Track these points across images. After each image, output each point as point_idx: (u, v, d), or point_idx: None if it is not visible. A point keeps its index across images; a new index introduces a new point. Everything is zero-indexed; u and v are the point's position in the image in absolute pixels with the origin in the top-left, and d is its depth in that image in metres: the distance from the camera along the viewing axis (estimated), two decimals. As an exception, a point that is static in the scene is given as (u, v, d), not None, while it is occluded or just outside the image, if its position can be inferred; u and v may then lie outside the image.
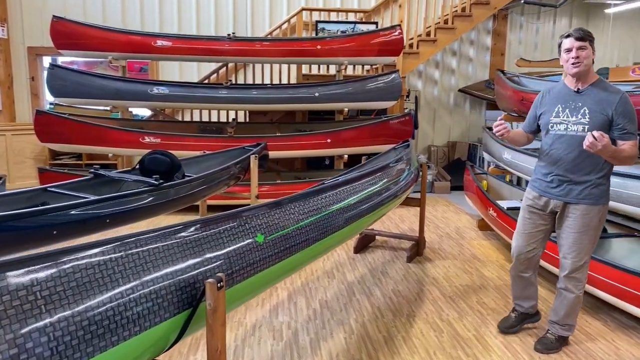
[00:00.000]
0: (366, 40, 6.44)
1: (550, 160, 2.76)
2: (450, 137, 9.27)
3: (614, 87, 2.67)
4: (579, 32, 2.61)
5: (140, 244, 1.58)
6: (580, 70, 2.61)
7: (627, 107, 2.58)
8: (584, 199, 2.68)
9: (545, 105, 2.82)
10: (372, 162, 4.78)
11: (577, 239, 2.72)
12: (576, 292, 2.80)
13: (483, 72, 9.17)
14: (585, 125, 2.61)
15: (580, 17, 9.36)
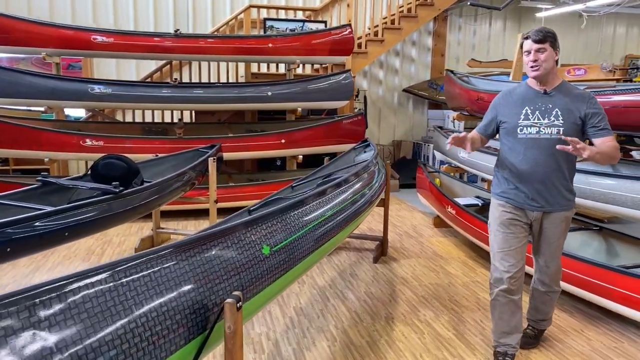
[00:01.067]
0: (318, 39, 6.36)
1: (523, 168, 2.55)
2: (395, 136, 9.41)
3: (579, 88, 2.59)
4: (538, 33, 2.46)
5: (139, 269, 1.39)
6: (540, 73, 2.47)
7: (598, 104, 2.50)
8: (561, 206, 2.58)
9: (509, 107, 2.62)
10: (336, 163, 4.71)
11: (558, 246, 2.68)
12: (558, 289, 2.84)
13: (425, 73, 9.39)
14: (560, 128, 2.46)
15: (513, 20, 9.81)
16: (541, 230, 2.65)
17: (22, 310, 1.06)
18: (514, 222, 2.61)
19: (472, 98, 5.09)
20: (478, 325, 3.24)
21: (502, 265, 2.63)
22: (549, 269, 2.72)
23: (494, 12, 9.53)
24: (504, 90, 2.76)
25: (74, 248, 4.63)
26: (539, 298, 2.85)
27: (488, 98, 4.79)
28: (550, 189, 2.53)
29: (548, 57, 2.45)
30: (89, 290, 1.21)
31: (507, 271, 2.61)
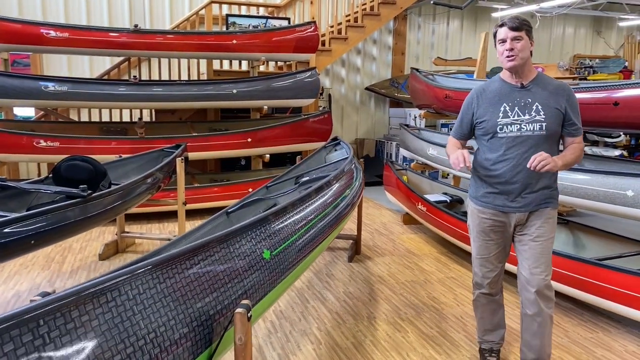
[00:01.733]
0: (283, 35, 6.27)
1: (506, 169, 2.35)
2: (357, 134, 9.42)
3: (555, 79, 2.42)
4: (514, 21, 2.27)
5: (142, 281, 1.27)
6: (517, 63, 2.27)
7: (575, 99, 2.35)
8: (546, 203, 2.38)
9: (484, 106, 2.41)
10: (308, 162, 4.64)
11: (545, 248, 2.37)
12: (549, 311, 2.38)
13: (386, 71, 9.45)
14: (543, 123, 2.28)
15: (469, 19, 10.03)
16: (523, 231, 2.42)
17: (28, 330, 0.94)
18: (494, 229, 2.46)
19: (440, 96, 5.14)
20: (460, 322, 3.26)
21: (481, 271, 2.57)
22: (533, 278, 2.35)
23: (452, 11, 9.72)
24: (476, 88, 2.51)
25: (31, 256, 4.35)
26: (527, 328, 2.44)
27: (456, 96, 4.86)
28: (532, 187, 2.35)
29: (524, 47, 2.27)
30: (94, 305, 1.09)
31: (485, 277, 2.56)
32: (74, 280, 3.84)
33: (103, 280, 1.18)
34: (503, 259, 2.56)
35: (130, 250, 4.58)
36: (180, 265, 1.36)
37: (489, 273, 2.54)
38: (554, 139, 2.35)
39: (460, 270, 4.21)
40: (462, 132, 2.55)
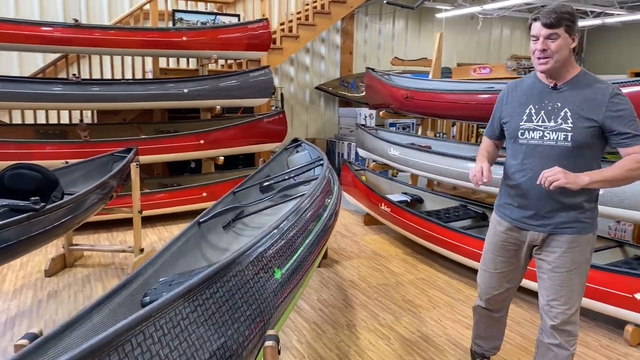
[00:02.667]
0: (235, 33, 6.03)
1: (523, 180, 2.10)
2: (307, 134, 9.31)
3: (602, 81, 2.04)
4: (550, 15, 1.93)
5: (167, 320, 1.08)
6: (549, 67, 1.97)
7: (623, 103, 1.95)
8: (570, 227, 2.04)
9: (512, 104, 2.16)
10: (272, 165, 4.47)
11: (566, 279, 2.06)
12: (570, 349, 2.10)
13: (335, 70, 9.41)
14: (569, 133, 1.97)
15: (414, 20, 10.18)
16: (542, 256, 2.13)
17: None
18: (506, 246, 2.22)
19: (400, 96, 5.12)
20: (439, 325, 3.22)
21: (483, 284, 2.35)
22: (552, 311, 2.09)
23: (397, 12, 9.82)
24: (510, 83, 2.28)
25: (-37, 275, 3.89)
26: (542, 355, 2.19)
27: (417, 96, 4.85)
28: (553, 205, 2.04)
29: (561, 46, 1.94)
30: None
31: (486, 293, 2.33)
32: (19, 301, 3.46)
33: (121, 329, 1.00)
34: (513, 280, 2.27)
35: (79, 264, 4.21)
36: (201, 296, 1.18)
37: (492, 290, 2.30)
38: (583, 153, 1.99)
39: (428, 271, 4.19)
40: (493, 131, 2.31)
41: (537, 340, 2.24)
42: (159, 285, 1.86)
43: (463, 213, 4.66)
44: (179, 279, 1.90)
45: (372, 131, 5.71)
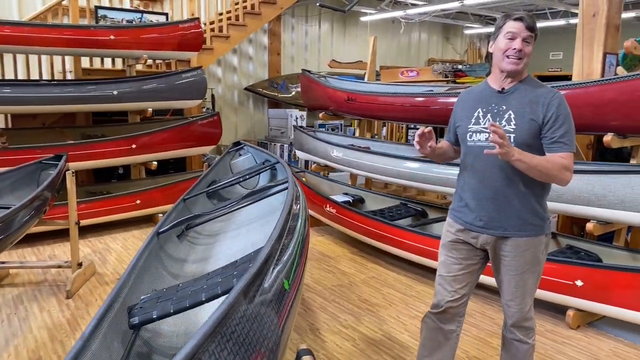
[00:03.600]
0: (166, 32, 5.78)
1: (472, 182, 2.12)
2: (237, 136, 9.15)
3: (545, 85, 2.09)
4: (531, 20, 1.97)
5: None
6: (519, 69, 2.00)
7: (562, 108, 1.97)
8: (522, 230, 2.04)
9: (464, 109, 2.18)
10: (217, 169, 4.33)
11: (520, 281, 2.09)
12: (530, 341, 2.19)
13: (263, 71, 9.32)
14: (512, 134, 1.98)
15: (339, 22, 10.35)
16: (496, 259, 2.14)
17: None
18: (457, 247, 2.19)
19: (341, 98, 5.18)
20: (398, 322, 3.30)
21: (437, 289, 2.26)
22: (509, 310, 2.16)
23: (323, 14, 9.94)
24: (465, 90, 2.34)
25: None
26: (506, 349, 2.26)
27: (360, 99, 4.94)
28: (502, 207, 2.04)
29: (530, 52, 2.00)
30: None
31: (441, 300, 2.22)
32: (-58, 329, 3.08)
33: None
34: (467, 286, 2.20)
35: (6, 284, 3.83)
36: (236, 315, 1.12)
37: (447, 296, 2.20)
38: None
39: (378, 269, 4.29)
40: (449, 136, 2.32)
41: (501, 334, 2.29)
42: (144, 304, 1.74)
43: (404, 211, 4.81)
44: (166, 294, 1.79)
45: (312, 133, 5.73)
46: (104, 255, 4.55)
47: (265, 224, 3.39)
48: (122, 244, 4.89)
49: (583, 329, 3.22)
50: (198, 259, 2.99)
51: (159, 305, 1.68)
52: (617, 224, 3.35)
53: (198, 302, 1.63)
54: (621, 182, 3.06)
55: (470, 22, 11.52)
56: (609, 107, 3.20)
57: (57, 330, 3.11)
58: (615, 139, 3.18)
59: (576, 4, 9.30)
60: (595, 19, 4.22)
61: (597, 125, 3.31)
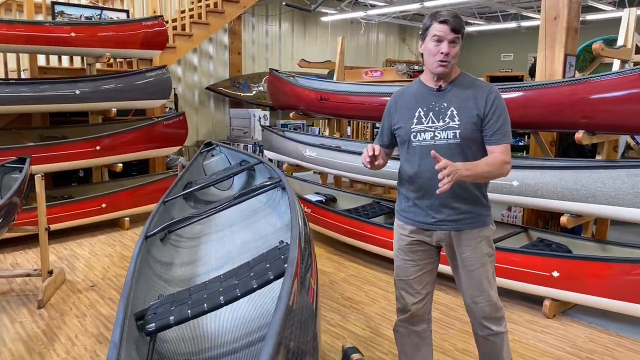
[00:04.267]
0: (129, 30, 5.60)
1: (419, 181, 2.10)
2: (198, 136, 8.98)
3: (480, 80, 2.17)
4: (456, 21, 1.97)
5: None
6: (447, 71, 2.03)
7: (499, 101, 2.05)
8: (475, 222, 2.10)
9: (401, 111, 2.15)
10: (191, 170, 4.24)
11: (483, 273, 2.10)
12: (503, 329, 2.18)
13: (224, 70, 9.20)
14: (457, 130, 2.03)
15: (299, 22, 10.35)
16: (456, 255, 2.15)
17: None
18: (413, 249, 2.17)
19: (313, 98, 5.19)
20: (384, 318, 3.34)
21: (400, 294, 2.25)
22: (477, 306, 2.13)
23: (283, 14, 9.92)
24: (397, 91, 2.28)
25: None
26: (481, 347, 2.25)
27: (333, 98, 4.96)
28: (452, 203, 2.07)
29: (457, 53, 2.02)
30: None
31: (405, 305, 2.23)
32: None
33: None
34: (428, 285, 2.21)
35: (-31, 296, 3.60)
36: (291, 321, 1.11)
37: (410, 299, 2.20)
38: (473, 149, 2.07)
39: (356, 267, 4.33)
40: (382, 140, 2.27)
41: (473, 334, 2.25)
42: (156, 309, 1.69)
43: (378, 209, 4.88)
44: (179, 298, 1.74)
45: (282, 132, 5.71)
46: (71, 262, 4.36)
47: (250, 225, 3.35)
48: (90, 249, 4.70)
49: (559, 318, 3.38)
50: (185, 263, 2.92)
51: (175, 310, 1.63)
52: (588, 217, 3.53)
53: (217, 305, 1.60)
54: (592, 177, 3.23)
55: (425, 24, 11.78)
56: (579, 106, 3.37)
57: (33, 342, 2.95)
58: (585, 136, 3.35)
59: (527, 7, 9.73)
60: (556, 22, 4.42)
61: (568, 123, 3.47)
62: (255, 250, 2.84)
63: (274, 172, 3.24)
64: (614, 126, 3.33)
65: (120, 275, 4.05)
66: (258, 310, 2.06)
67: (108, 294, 3.68)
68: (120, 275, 4.05)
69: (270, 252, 1.87)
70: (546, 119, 3.59)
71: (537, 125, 3.75)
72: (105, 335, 3.07)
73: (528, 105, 3.63)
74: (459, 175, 1.82)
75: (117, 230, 5.32)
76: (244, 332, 1.92)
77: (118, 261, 4.39)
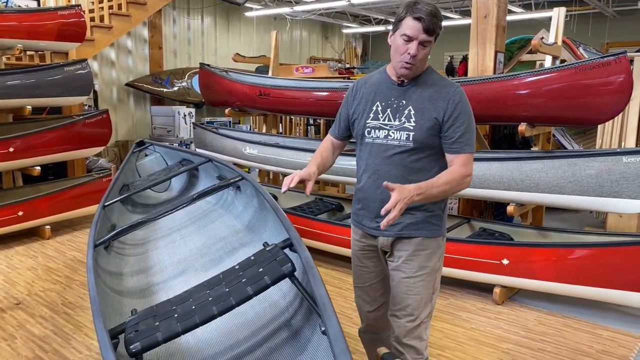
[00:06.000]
0: (43, 20, 5.08)
1: (368, 182, 1.93)
2: (117, 136, 8.42)
3: (446, 79, 1.93)
4: (432, 21, 1.73)
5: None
6: (412, 73, 1.83)
7: (464, 105, 1.83)
8: (417, 230, 1.88)
9: (360, 102, 1.96)
10: (125, 172, 3.92)
11: (412, 286, 1.88)
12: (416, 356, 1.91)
13: (144, 66, 8.70)
14: (411, 132, 1.83)
15: (222, 17, 10.03)
16: (390, 261, 1.95)
17: None
18: (366, 255, 2.03)
19: (251, 93, 5.01)
20: (344, 316, 3.29)
21: (357, 302, 2.15)
22: (397, 321, 1.91)
23: (205, 8, 9.59)
24: (360, 79, 2.08)
25: None
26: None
27: (274, 93, 4.82)
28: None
29: (427, 55, 1.81)
30: None
31: (365, 312, 2.12)
32: None
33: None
34: (385, 293, 2.04)
35: None
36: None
37: (368, 307, 2.09)
38: (428, 154, 1.87)
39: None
40: (339, 130, 2.07)
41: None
42: (138, 327, 1.49)
43: (322, 206, 4.83)
44: (161, 312, 1.55)
45: (216, 130, 5.48)
46: (-13, 278, 3.87)
47: (202, 228, 3.15)
48: (7, 263, 4.21)
49: (507, 304, 3.52)
50: (136, 272, 2.68)
51: (161, 325, 1.45)
52: (531, 205, 3.71)
53: (210, 317, 1.45)
54: (536, 167, 3.39)
55: (348, 22, 11.94)
56: (521, 100, 3.52)
57: (-44, 374, 2.57)
58: (527, 129, 3.52)
59: (445, 7, 10.14)
60: (486, 20, 4.61)
61: (510, 116, 3.62)
62: (217, 254, 2.68)
63: (229, 171, 3.07)
64: (552, 119, 3.52)
65: (49, 290, 3.65)
66: (237, 319, 1.91)
67: (38, 312, 3.30)
68: (49, 290, 3.65)
69: (258, 256, 1.73)
70: (490, 113, 3.72)
71: (479, 118, 3.87)
72: (43, 358, 2.74)
73: (472, 99, 3.74)
74: (409, 201, 1.63)
75: (37, 240, 4.82)
76: (228, 345, 1.77)
77: (43, 274, 3.97)
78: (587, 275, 3.15)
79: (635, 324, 3.21)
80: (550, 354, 2.85)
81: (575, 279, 3.19)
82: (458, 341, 3.00)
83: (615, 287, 3.09)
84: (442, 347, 2.93)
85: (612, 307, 3.41)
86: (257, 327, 1.86)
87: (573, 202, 3.32)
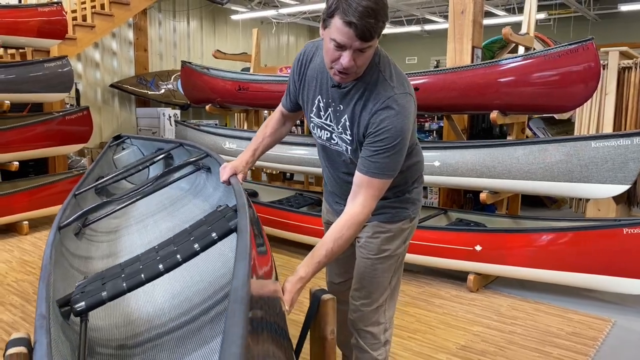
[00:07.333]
0: (23, 15, 5.10)
1: (326, 173, 1.87)
2: (102, 137, 8.40)
3: (389, 83, 1.53)
4: (369, 25, 1.35)
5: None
6: (347, 81, 1.53)
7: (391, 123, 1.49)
8: (378, 214, 1.74)
9: (304, 86, 1.71)
10: (101, 165, 3.91)
11: (370, 267, 1.78)
12: (372, 353, 1.80)
13: (129, 68, 8.70)
14: (348, 146, 1.63)
15: (208, 19, 10.08)
16: (355, 243, 1.84)
17: None
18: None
19: (231, 88, 5.03)
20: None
21: (327, 270, 2.06)
22: (352, 304, 1.83)
23: (192, 10, 9.62)
24: (309, 46, 1.72)
25: None
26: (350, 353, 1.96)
27: (253, 87, 4.85)
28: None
29: (368, 58, 1.47)
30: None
31: (331, 281, 2.06)
32: None
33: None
34: (345, 273, 2.00)
35: None
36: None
37: (336, 277, 2.04)
38: None
39: (283, 258, 4.24)
40: (289, 102, 1.82)
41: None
42: (84, 289, 1.49)
43: (302, 200, 4.84)
44: (109, 275, 1.55)
45: (197, 126, 5.49)
46: (-40, 271, 3.84)
47: (174, 212, 3.15)
48: (-18, 257, 4.18)
49: (482, 291, 3.53)
50: (106, 255, 2.67)
51: (107, 285, 1.44)
52: (504, 194, 3.74)
53: (157, 274, 1.45)
54: (508, 154, 3.43)
55: (334, 26, 12.00)
56: (492, 88, 3.56)
57: None
58: (499, 116, 3.55)
59: (431, 12, 10.26)
60: (463, 16, 4.67)
61: (483, 104, 3.66)
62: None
63: (198, 152, 3.07)
64: (524, 106, 3.55)
65: (21, 280, 3.63)
66: (196, 286, 1.91)
67: (9, 300, 3.27)
68: (21, 280, 3.63)
69: (209, 216, 1.74)
70: (463, 102, 3.75)
71: (453, 107, 3.91)
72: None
73: (446, 89, 3.78)
74: (298, 292, 1.52)
75: (14, 235, 4.79)
76: (184, 309, 1.76)
77: (17, 266, 3.94)
78: (558, 259, 3.17)
79: (605, 308, 3.24)
80: (521, 335, 2.86)
81: (546, 264, 3.21)
82: (429, 325, 3.00)
83: (586, 271, 3.11)
84: (413, 330, 2.93)
85: (584, 294, 3.43)
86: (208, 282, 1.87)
87: (544, 188, 3.35)
